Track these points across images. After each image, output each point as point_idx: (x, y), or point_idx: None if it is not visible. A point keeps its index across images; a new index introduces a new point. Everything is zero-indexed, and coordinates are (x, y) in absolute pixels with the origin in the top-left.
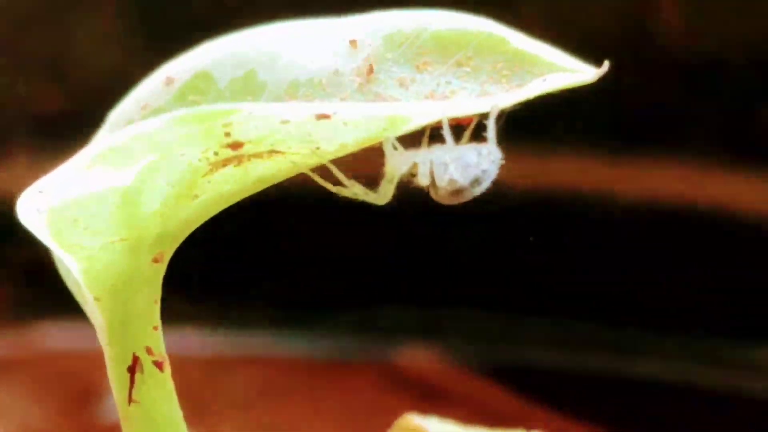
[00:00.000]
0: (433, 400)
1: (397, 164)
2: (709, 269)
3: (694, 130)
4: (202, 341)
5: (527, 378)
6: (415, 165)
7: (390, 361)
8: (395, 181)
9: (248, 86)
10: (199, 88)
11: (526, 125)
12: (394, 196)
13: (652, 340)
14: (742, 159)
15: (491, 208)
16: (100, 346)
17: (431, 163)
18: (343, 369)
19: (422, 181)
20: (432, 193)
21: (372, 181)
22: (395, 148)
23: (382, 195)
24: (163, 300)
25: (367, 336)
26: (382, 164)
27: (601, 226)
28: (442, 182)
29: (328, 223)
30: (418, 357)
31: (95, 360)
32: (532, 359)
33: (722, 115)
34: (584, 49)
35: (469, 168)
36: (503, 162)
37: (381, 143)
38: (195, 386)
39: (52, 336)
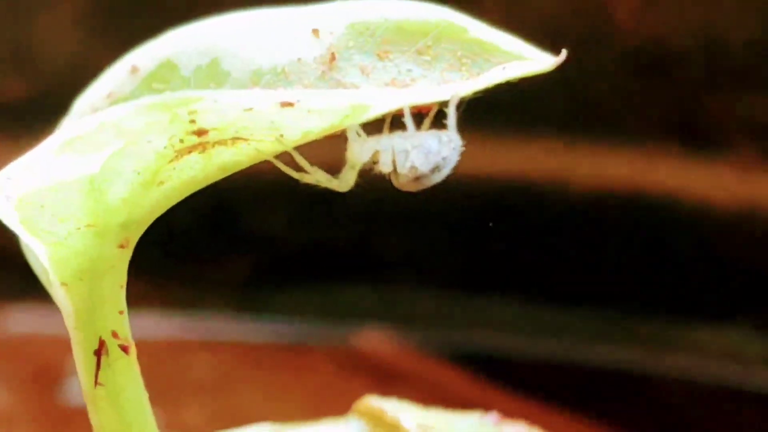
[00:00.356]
0: (391, 383)
1: (358, 151)
2: (657, 254)
3: (647, 117)
4: (162, 324)
5: (486, 361)
6: (376, 152)
7: (349, 343)
8: (357, 167)
9: (212, 74)
10: (164, 77)
11: (479, 113)
12: (356, 183)
13: (607, 324)
14: (691, 146)
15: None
16: (67, 331)
17: (392, 150)
18: (302, 352)
19: (384, 168)
20: (393, 180)
21: (334, 168)
22: (357, 135)
23: (344, 182)
24: None
25: (326, 319)
26: (345, 151)
27: (555, 211)
28: (403, 169)
29: (287, 205)
30: (376, 340)
31: (62, 344)
32: (492, 342)
33: (673, 103)
34: (540, 37)
35: (430, 155)
36: (463, 149)
37: (344, 130)
38: (155, 370)
39: (18, 320)
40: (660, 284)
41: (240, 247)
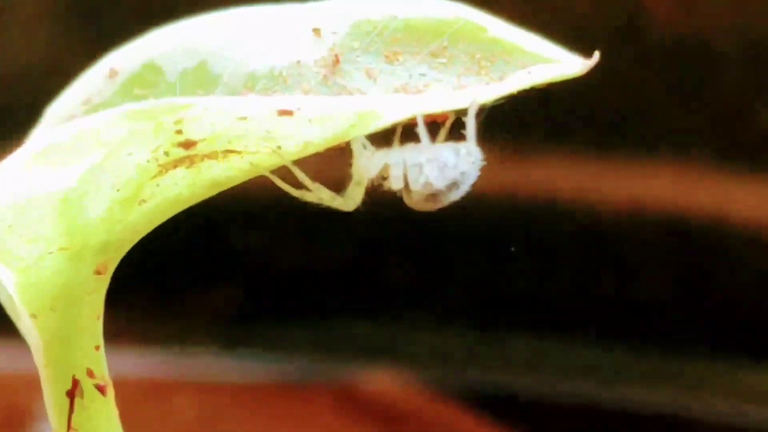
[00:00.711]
0: (398, 427)
1: (366, 166)
2: (698, 285)
3: (685, 129)
4: (141, 362)
5: (503, 403)
6: (386, 166)
7: (350, 383)
8: (364, 184)
9: (201, 79)
10: (147, 81)
11: (501, 123)
12: (363, 201)
13: (639, 363)
14: (736, 161)
15: (463, 216)
16: (36, 368)
17: (404, 164)
18: (297, 393)
19: (394, 184)
20: (405, 198)
21: (339, 184)
22: (364, 148)
23: (350, 200)
24: None
25: (325, 356)
26: (350, 166)
27: (582, 237)
28: (416, 185)
29: (283, 227)
30: (381, 379)
31: (30, 383)
32: (509, 382)
33: (715, 114)
34: (568, 38)
35: (446, 169)
36: (483, 163)
37: (348, 142)
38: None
39: None
40: (700, 319)
41: (229, 274)
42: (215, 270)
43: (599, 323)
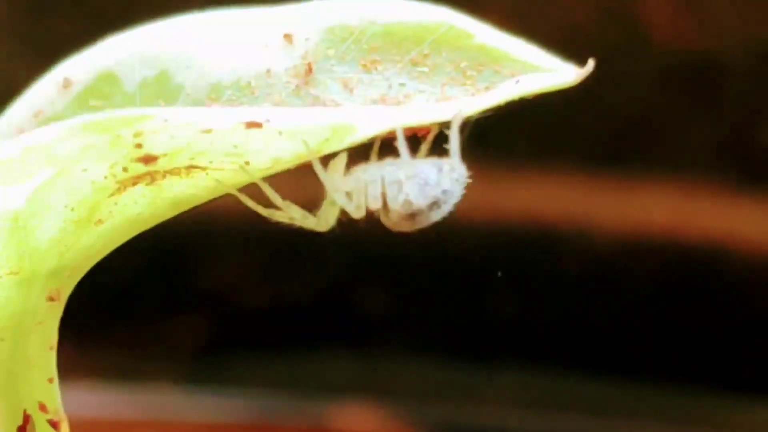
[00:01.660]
0: None
1: (341, 184)
2: (705, 314)
3: (686, 146)
4: (96, 399)
5: None
6: (356, 186)
7: (322, 420)
8: (339, 203)
9: (161, 89)
10: (103, 92)
11: (488, 139)
12: (339, 222)
13: (640, 397)
14: (742, 182)
15: (444, 240)
16: None
17: (382, 181)
18: None
19: (371, 203)
20: (382, 217)
21: (311, 204)
22: (339, 164)
23: (324, 220)
24: None
25: (297, 392)
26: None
27: (573, 263)
28: (395, 204)
29: (250, 252)
30: (356, 415)
31: None
32: (492, 417)
33: (718, 130)
34: (561, 46)
35: (427, 187)
36: (468, 181)
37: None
38: None
39: None
40: (703, 352)
41: (191, 303)
42: (178, 298)
43: (589, 354)
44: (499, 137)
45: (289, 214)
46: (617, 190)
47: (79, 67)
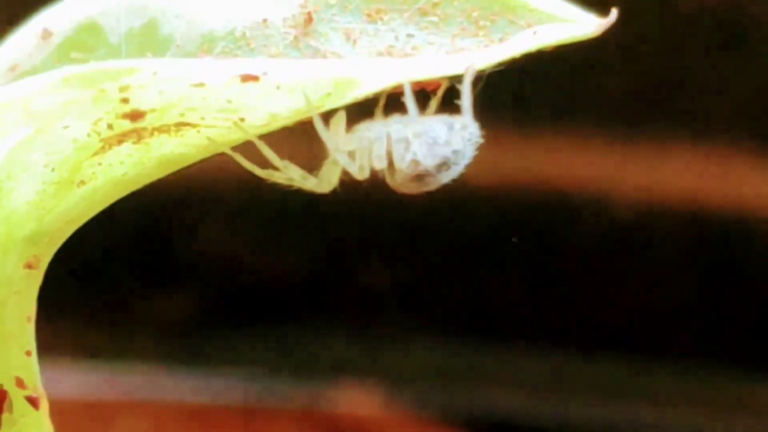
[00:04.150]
0: None
1: (343, 141)
2: (724, 287)
3: (710, 110)
4: (78, 379)
5: (497, 426)
6: (367, 143)
7: (317, 404)
8: (341, 163)
9: (149, 41)
10: (86, 43)
11: (498, 95)
12: (340, 183)
13: (653, 380)
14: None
15: (452, 209)
16: None
17: (388, 138)
18: (261, 416)
19: (376, 162)
20: (388, 178)
21: (312, 166)
22: (341, 120)
23: (325, 181)
24: None
25: (292, 373)
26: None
27: (591, 234)
28: (401, 163)
29: (241, 228)
30: (358, 399)
31: None
32: (504, 403)
33: (744, 93)
34: None
35: (436, 146)
36: (481, 140)
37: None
38: None
39: None
40: (726, 328)
41: (177, 277)
42: (163, 270)
43: (605, 334)
44: (513, 95)
45: (288, 174)
46: (637, 155)
47: (60, 16)
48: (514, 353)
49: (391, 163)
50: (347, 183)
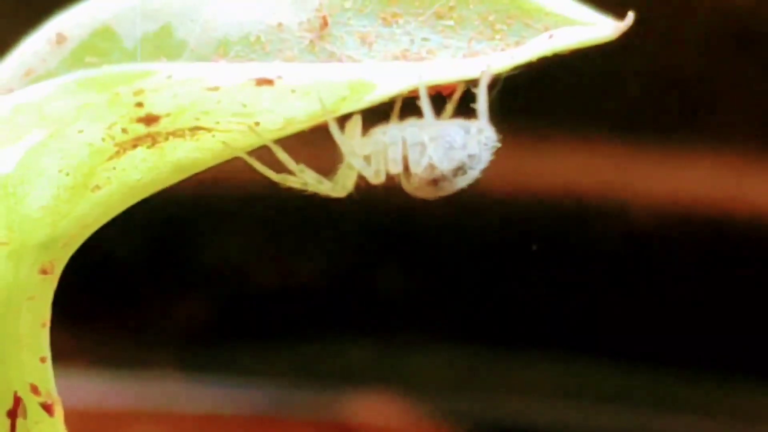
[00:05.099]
0: None
1: (358, 145)
2: (744, 295)
3: (734, 114)
4: (93, 388)
5: None
6: (375, 150)
7: (336, 413)
8: (357, 167)
9: (164, 45)
10: (100, 48)
11: (513, 100)
12: (356, 187)
13: (674, 389)
14: None
15: (469, 216)
16: None
17: (404, 142)
18: (274, 425)
19: (391, 166)
20: (404, 183)
21: (327, 170)
22: (357, 124)
23: (340, 185)
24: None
25: (309, 381)
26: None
27: (608, 240)
28: (417, 168)
29: (258, 236)
30: (372, 407)
31: None
32: (524, 411)
33: (766, 96)
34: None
35: (452, 150)
36: (497, 144)
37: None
38: None
39: None
40: (748, 337)
41: (194, 283)
42: (180, 278)
43: (623, 342)
44: (530, 99)
45: (303, 179)
46: (657, 161)
47: (74, 21)
48: (536, 361)
49: (406, 168)
50: (363, 188)
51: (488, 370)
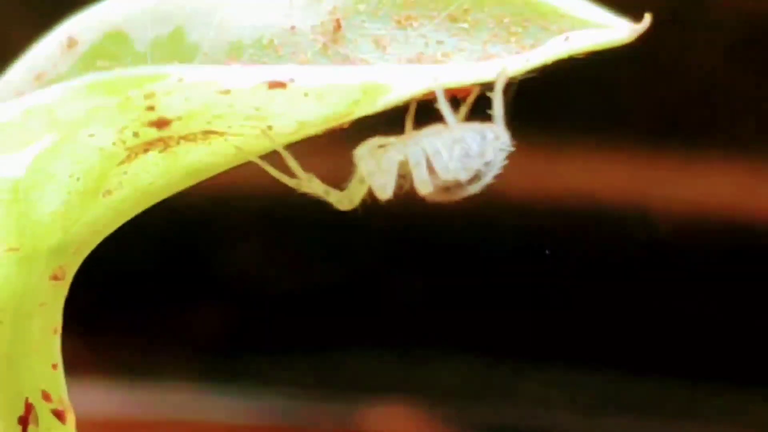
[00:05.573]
0: None
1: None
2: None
3: (755, 120)
4: (106, 397)
5: None
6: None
7: (354, 423)
8: (368, 183)
9: (176, 48)
10: (111, 52)
11: (529, 105)
12: (364, 201)
13: (697, 399)
14: None
15: (484, 225)
16: None
17: (423, 150)
18: None
19: (417, 174)
20: (416, 185)
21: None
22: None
23: (348, 197)
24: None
25: (327, 391)
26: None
27: (628, 248)
28: (435, 176)
29: (274, 245)
30: (394, 418)
31: None
32: (542, 420)
33: None
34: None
35: (469, 159)
36: (512, 149)
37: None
38: None
39: None
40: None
41: (208, 292)
42: (194, 287)
43: (638, 353)
44: (548, 104)
45: (311, 188)
46: (677, 167)
47: (85, 25)
48: (553, 372)
49: (426, 172)
50: (368, 203)
51: (505, 381)
